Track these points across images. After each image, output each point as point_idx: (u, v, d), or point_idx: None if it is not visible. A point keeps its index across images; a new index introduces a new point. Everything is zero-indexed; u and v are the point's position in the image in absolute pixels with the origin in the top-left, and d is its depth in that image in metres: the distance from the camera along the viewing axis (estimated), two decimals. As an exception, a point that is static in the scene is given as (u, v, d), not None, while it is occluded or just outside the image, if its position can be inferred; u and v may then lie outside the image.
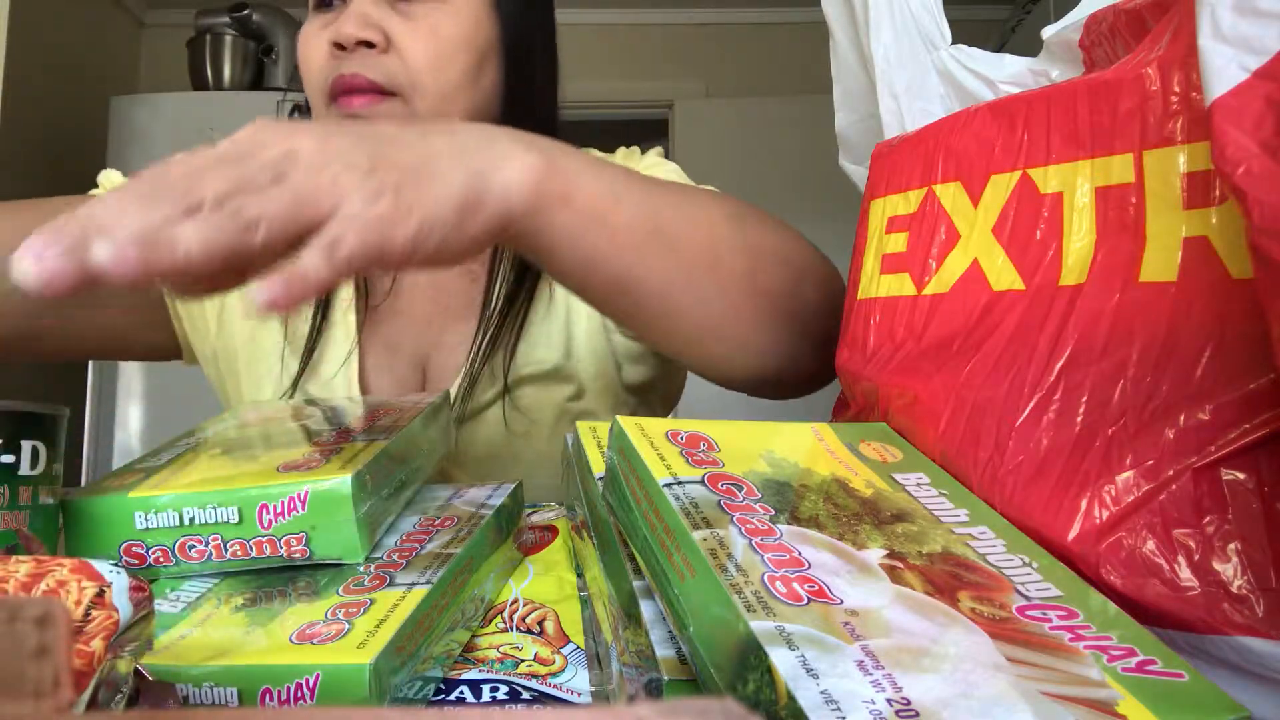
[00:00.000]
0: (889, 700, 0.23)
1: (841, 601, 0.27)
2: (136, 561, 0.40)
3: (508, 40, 0.71)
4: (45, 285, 0.31)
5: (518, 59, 0.72)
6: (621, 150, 0.81)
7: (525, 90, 0.73)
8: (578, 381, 0.74)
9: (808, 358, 0.56)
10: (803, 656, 0.24)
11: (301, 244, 0.35)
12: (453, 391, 0.71)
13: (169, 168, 0.35)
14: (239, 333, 0.76)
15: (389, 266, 0.39)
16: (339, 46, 0.66)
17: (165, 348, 0.79)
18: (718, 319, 0.52)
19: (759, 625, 0.25)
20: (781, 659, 0.24)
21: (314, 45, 0.68)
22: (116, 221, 0.32)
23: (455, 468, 0.72)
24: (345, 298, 0.76)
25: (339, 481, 0.39)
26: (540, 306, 0.74)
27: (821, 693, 0.23)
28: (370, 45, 0.65)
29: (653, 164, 0.77)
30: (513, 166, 0.42)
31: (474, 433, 0.72)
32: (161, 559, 0.39)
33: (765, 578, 0.28)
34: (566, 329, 0.74)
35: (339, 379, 0.73)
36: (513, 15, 0.71)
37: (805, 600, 0.27)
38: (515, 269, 0.74)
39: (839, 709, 0.22)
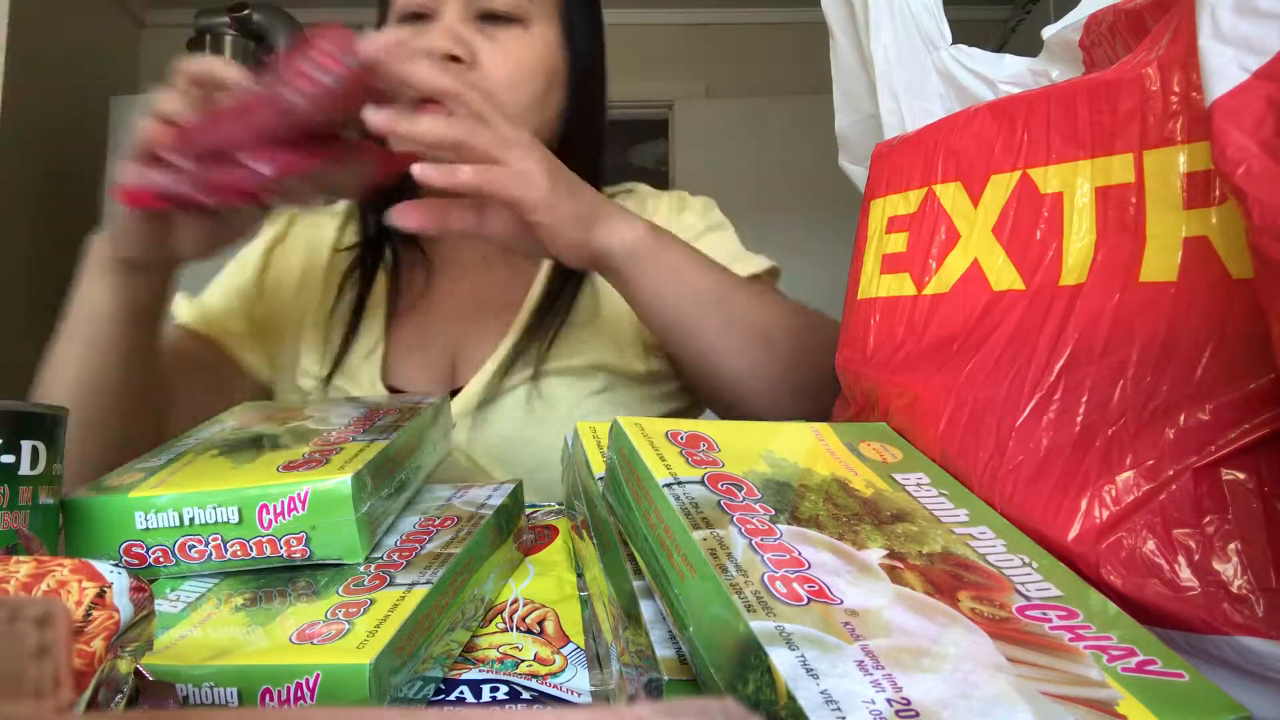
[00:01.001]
0: (889, 700, 0.23)
1: (841, 601, 0.27)
2: (136, 561, 0.40)
3: (574, 67, 0.78)
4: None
5: (580, 84, 0.79)
6: (672, 193, 0.89)
7: (583, 112, 0.81)
8: (606, 379, 0.77)
9: None
10: (803, 656, 0.24)
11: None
12: (488, 372, 0.74)
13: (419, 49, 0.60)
14: (286, 331, 0.81)
15: (517, 211, 0.55)
16: None
17: (258, 378, 0.82)
18: (757, 384, 0.63)
19: (759, 625, 0.25)
20: (781, 659, 0.24)
21: None
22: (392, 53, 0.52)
23: (471, 449, 0.74)
24: (378, 295, 0.80)
25: (339, 482, 0.39)
26: (583, 309, 0.78)
27: (821, 693, 0.23)
28: (457, 60, 0.70)
29: (691, 204, 0.87)
30: (625, 226, 0.59)
31: (496, 413, 0.74)
32: (161, 559, 0.39)
33: (765, 578, 0.28)
34: (602, 333, 0.77)
35: (364, 372, 0.76)
36: (580, 45, 0.78)
37: (805, 600, 0.27)
38: (562, 270, 0.77)
39: (839, 709, 0.22)
